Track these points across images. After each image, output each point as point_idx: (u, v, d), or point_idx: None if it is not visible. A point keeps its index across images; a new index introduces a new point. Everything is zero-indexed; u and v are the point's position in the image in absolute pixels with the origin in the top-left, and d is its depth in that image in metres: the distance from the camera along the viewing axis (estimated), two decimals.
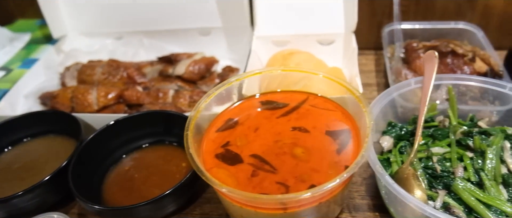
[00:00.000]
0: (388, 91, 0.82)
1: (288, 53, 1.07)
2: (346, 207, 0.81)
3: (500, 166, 0.73)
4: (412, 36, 1.18)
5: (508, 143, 0.77)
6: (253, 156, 0.72)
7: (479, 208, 0.68)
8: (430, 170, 0.76)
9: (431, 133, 0.83)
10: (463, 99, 0.92)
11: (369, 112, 0.70)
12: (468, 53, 0.99)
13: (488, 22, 1.18)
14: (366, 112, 0.70)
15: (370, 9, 1.19)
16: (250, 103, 0.85)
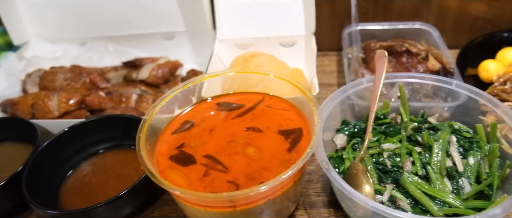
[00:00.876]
0: (339, 91, 0.85)
1: (249, 55, 1.10)
2: (302, 204, 0.83)
3: (445, 160, 0.77)
4: (373, 37, 1.22)
5: (454, 137, 0.81)
6: (206, 157, 0.74)
7: (424, 200, 0.71)
8: (381, 165, 0.79)
9: (383, 129, 0.86)
10: (417, 97, 0.96)
11: (317, 111, 0.73)
12: (422, 52, 1.04)
13: (444, 22, 1.22)
14: (315, 111, 0.73)
15: (331, 11, 1.22)
16: (207, 105, 0.87)
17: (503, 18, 1.20)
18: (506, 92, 0.95)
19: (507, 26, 1.20)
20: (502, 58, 1.08)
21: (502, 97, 0.95)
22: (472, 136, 0.81)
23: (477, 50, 1.12)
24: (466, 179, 0.75)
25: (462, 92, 0.85)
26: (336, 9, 1.21)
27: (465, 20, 1.22)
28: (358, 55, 1.15)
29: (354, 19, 1.08)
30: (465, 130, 0.82)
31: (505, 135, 0.87)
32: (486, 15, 1.20)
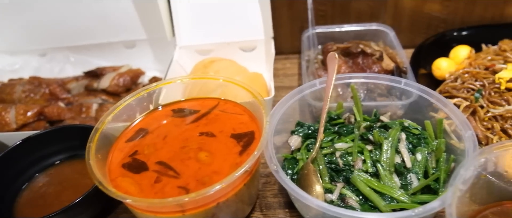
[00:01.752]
0: (292, 93, 0.87)
1: (208, 61, 1.11)
2: (258, 206, 0.85)
3: (394, 157, 0.79)
4: (333, 39, 1.25)
5: (404, 135, 0.84)
6: (158, 163, 0.75)
7: (373, 196, 0.74)
8: (333, 164, 0.81)
9: (336, 130, 0.89)
10: (372, 96, 0.99)
11: (266, 114, 0.75)
12: (376, 53, 1.07)
13: (400, 22, 1.27)
14: (264, 114, 0.75)
15: (290, 14, 1.25)
16: (163, 112, 0.88)
17: (456, 17, 1.25)
18: (456, 88, 0.99)
19: (460, 25, 1.24)
20: (455, 56, 1.12)
21: (452, 94, 0.99)
22: (420, 132, 0.84)
23: (432, 49, 1.16)
24: (414, 175, 0.78)
25: (411, 91, 0.88)
26: (295, 12, 1.24)
27: (420, 20, 1.26)
28: (315, 57, 1.18)
29: (310, 22, 1.11)
30: (414, 127, 0.85)
31: (454, 130, 0.90)
32: (440, 15, 1.25)
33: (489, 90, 0.94)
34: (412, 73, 1.03)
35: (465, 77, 1.00)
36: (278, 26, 1.28)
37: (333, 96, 0.99)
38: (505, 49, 1.07)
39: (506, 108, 0.89)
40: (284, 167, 0.83)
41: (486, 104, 0.92)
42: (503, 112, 0.89)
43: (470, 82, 0.98)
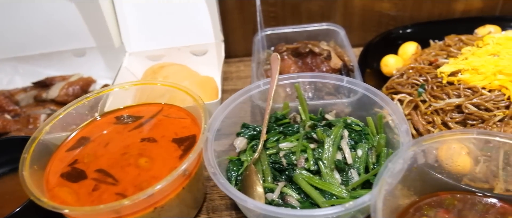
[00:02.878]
0: (234, 96, 0.89)
1: (158, 67, 1.12)
2: (205, 209, 0.86)
3: (335, 154, 0.82)
4: (286, 40, 1.27)
5: (347, 132, 0.87)
6: (98, 171, 0.75)
7: (313, 193, 0.76)
8: (277, 164, 0.83)
9: (282, 129, 0.91)
10: (320, 95, 1.01)
11: (205, 117, 0.76)
12: (324, 52, 1.10)
13: (351, 21, 1.30)
14: (203, 117, 0.76)
15: (241, 17, 1.27)
16: (106, 120, 0.88)
17: (405, 14, 1.29)
18: (401, 84, 1.03)
19: (410, 21, 1.29)
20: (403, 52, 1.16)
21: (397, 89, 1.02)
22: (362, 128, 0.87)
23: (381, 46, 1.20)
24: (355, 170, 0.80)
25: (355, 89, 0.91)
26: (247, 15, 1.26)
27: (370, 18, 1.30)
28: (268, 59, 1.20)
29: (259, 24, 1.13)
30: (356, 124, 0.88)
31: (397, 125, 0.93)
32: (390, 12, 1.29)
33: (431, 85, 0.98)
34: (359, 71, 1.06)
35: (410, 73, 1.04)
36: (231, 29, 1.30)
37: (281, 96, 1.01)
38: (449, 44, 1.12)
39: (447, 101, 0.93)
40: (229, 169, 0.84)
41: (428, 99, 0.96)
42: (444, 105, 0.93)
43: (415, 77, 1.02)
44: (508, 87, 0.90)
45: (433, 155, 0.73)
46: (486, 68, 0.94)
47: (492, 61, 0.95)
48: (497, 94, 0.90)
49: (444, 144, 0.73)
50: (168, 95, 0.94)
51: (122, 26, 1.13)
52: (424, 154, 0.71)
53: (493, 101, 0.90)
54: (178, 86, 0.84)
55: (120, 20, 1.12)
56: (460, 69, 0.97)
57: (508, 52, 0.98)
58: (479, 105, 0.90)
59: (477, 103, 0.90)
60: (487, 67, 0.94)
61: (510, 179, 0.74)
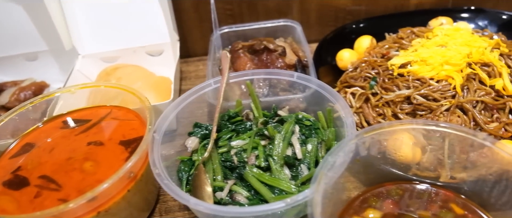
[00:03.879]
0: (185, 95, 0.88)
1: (112, 68, 1.11)
2: (158, 211, 0.85)
3: (285, 150, 0.83)
4: (245, 38, 1.28)
5: (298, 127, 0.88)
6: (41, 177, 0.74)
7: (262, 190, 0.76)
8: (229, 162, 0.83)
9: (234, 127, 0.91)
10: (275, 91, 1.02)
11: (150, 118, 0.76)
12: (279, 48, 1.10)
13: (308, 17, 1.31)
14: (148, 118, 0.76)
15: (198, 16, 1.27)
16: (52, 125, 0.87)
17: (361, 8, 1.31)
18: (354, 78, 1.04)
19: (366, 16, 1.31)
20: (358, 46, 1.18)
21: (350, 83, 1.04)
22: (312, 123, 0.88)
23: (337, 41, 1.21)
24: (305, 165, 0.81)
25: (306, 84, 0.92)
26: (203, 14, 1.26)
27: (327, 13, 1.32)
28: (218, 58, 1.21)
29: (214, 23, 1.13)
30: (307, 119, 0.89)
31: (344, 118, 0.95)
32: (346, 7, 1.31)
33: (383, 77, 1.00)
34: (313, 67, 1.07)
35: (363, 67, 1.06)
36: (188, 28, 1.30)
37: (237, 94, 1.01)
38: (402, 36, 1.14)
39: (396, 93, 0.95)
40: (180, 170, 0.84)
41: (380, 91, 0.98)
42: (394, 97, 0.95)
43: (367, 71, 1.04)
44: (454, 77, 0.92)
45: (376, 146, 0.75)
46: (434, 59, 0.96)
47: (440, 52, 0.98)
48: (444, 85, 0.93)
49: (391, 135, 0.75)
50: (120, 98, 0.93)
51: (72, 28, 1.11)
52: (366, 146, 0.73)
53: (440, 91, 0.92)
54: (123, 87, 0.83)
55: (69, 22, 1.10)
56: (410, 61, 0.99)
57: (455, 43, 1.00)
58: (427, 95, 0.92)
59: (425, 94, 0.92)
60: (435, 58, 0.97)
61: (455, 167, 0.76)
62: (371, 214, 0.71)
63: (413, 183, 0.76)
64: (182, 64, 1.33)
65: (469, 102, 0.90)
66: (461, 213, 0.70)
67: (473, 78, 0.93)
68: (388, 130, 0.71)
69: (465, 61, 0.95)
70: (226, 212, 0.65)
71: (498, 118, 0.90)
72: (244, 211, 0.65)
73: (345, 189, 0.75)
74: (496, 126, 0.88)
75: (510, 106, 0.90)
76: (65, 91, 0.88)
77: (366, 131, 0.71)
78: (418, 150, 0.79)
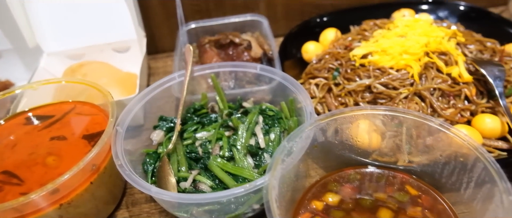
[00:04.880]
0: (149, 89, 0.90)
1: (77, 65, 1.11)
2: (125, 203, 0.87)
3: (249, 139, 0.85)
4: (213, 33, 1.29)
5: (261, 117, 0.90)
6: (3, 173, 0.75)
7: (226, 178, 0.78)
8: (194, 153, 0.85)
9: (200, 120, 0.93)
10: (241, 84, 1.04)
11: (112, 112, 0.77)
12: (244, 42, 1.13)
13: (275, 11, 1.34)
14: (110, 112, 0.77)
15: (165, 12, 1.28)
16: (15, 121, 0.87)
17: (327, 2, 1.34)
18: (318, 69, 1.08)
19: (332, 9, 1.34)
20: (323, 39, 1.21)
21: (314, 74, 1.07)
22: (275, 113, 0.91)
23: (303, 34, 1.24)
24: (267, 154, 0.84)
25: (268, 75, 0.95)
26: (170, 10, 1.27)
27: (293, 8, 1.35)
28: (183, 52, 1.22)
29: (180, 19, 1.14)
30: (270, 109, 0.92)
31: (315, 108, 0.98)
32: (312, 1, 1.34)
33: (346, 68, 1.03)
34: (278, 60, 1.10)
35: (327, 58, 1.09)
36: (156, 25, 1.31)
37: (204, 87, 1.03)
38: (365, 28, 1.18)
39: (358, 83, 0.99)
40: (145, 162, 0.85)
41: (342, 81, 1.01)
42: (355, 86, 0.98)
43: (330, 62, 1.07)
44: (412, 65, 0.96)
45: (334, 132, 0.78)
46: (394, 49, 1.00)
47: (399, 43, 1.02)
48: (403, 73, 0.97)
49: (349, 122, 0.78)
50: (86, 94, 0.94)
51: (35, 26, 1.11)
52: (323, 132, 0.76)
53: (399, 80, 0.96)
54: (85, 82, 0.84)
55: (32, 19, 1.10)
56: (371, 52, 1.03)
57: (414, 34, 1.05)
58: (387, 84, 0.96)
59: (385, 83, 0.96)
60: (395, 48, 1.01)
61: (413, 151, 0.80)
62: (330, 198, 0.74)
63: (372, 167, 0.79)
64: (151, 61, 1.34)
65: (426, 89, 0.94)
66: (416, 194, 0.73)
67: (431, 67, 0.98)
68: (343, 116, 0.74)
69: (423, 51, 0.99)
70: (187, 199, 0.67)
71: (454, 104, 0.94)
72: (204, 197, 0.67)
73: (305, 175, 0.78)
74: (452, 111, 0.93)
75: (466, 93, 0.95)
76: (26, 87, 0.88)
77: (322, 118, 0.74)
78: (378, 136, 0.82)
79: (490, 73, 0.94)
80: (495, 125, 0.88)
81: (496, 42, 1.08)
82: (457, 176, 0.69)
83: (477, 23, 1.20)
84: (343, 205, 0.72)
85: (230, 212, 0.75)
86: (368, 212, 0.70)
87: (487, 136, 0.89)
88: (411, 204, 0.71)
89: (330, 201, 0.73)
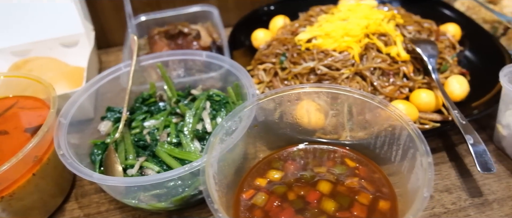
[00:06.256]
0: (93, 81, 0.90)
1: (22, 62, 1.10)
2: (74, 195, 0.87)
3: (196, 124, 0.87)
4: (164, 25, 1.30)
5: (209, 103, 0.92)
6: None
7: (173, 163, 0.80)
8: (142, 141, 0.86)
9: (148, 109, 0.94)
10: (191, 73, 1.06)
11: (53, 103, 0.77)
12: (193, 32, 1.14)
13: (226, 2, 1.36)
14: (51, 104, 0.78)
15: (113, 5, 1.28)
16: None
17: None
18: (266, 55, 1.10)
19: None
20: (273, 26, 1.24)
21: (262, 60, 1.10)
22: (221, 98, 0.93)
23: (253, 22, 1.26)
24: None
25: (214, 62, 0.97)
26: (118, 3, 1.26)
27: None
28: (145, 44, 1.23)
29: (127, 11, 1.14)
30: (217, 95, 0.94)
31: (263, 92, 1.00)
32: None
33: (292, 52, 1.06)
34: (228, 47, 1.12)
35: (274, 44, 1.12)
36: (105, 18, 1.31)
37: (154, 77, 1.04)
38: (312, 14, 1.22)
39: (303, 66, 1.02)
40: (92, 153, 0.86)
41: (288, 65, 1.04)
42: (300, 69, 1.01)
43: (278, 47, 1.10)
44: (353, 47, 1.00)
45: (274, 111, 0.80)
46: (336, 32, 1.04)
47: (342, 26, 1.06)
48: (345, 55, 1.01)
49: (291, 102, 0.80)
50: (31, 89, 0.93)
51: None
52: (263, 111, 0.78)
53: (342, 61, 1.00)
54: (26, 76, 0.84)
55: None
56: (315, 36, 1.07)
57: (356, 17, 1.09)
58: (331, 66, 1.00)
59: (329, 64, 1.00)
60: (337, 31, 1.04)
61: (354, 127, 0.84)
62: (274, 174, 0.76)
63: (313, 144, 0.83)
64: (103, 54, 1.33)
65: (367, 69, 0.98)
66: (354, 165, 0.77)
67: (371, 48, 1.02)
68: (281, 95, 0.77)
69: (363, 33, 1.03)
70: (127, 182, 0.68)
71: (394, 81, 0.99)
72: (145, 180, 0.68)
73: (250, 155, 0.81)
74: (392, 89, 0.97)
75: (404, 71, 0.99)
76: None
77: (261, 97, 0.76)
78: (321, 115, 0.85)
79: (424, 51, 0.99)
80: (430, 99, 0.94)
81: (433, 23, 1.14)
82: (388, 146, 0.73)
83: (418, 6, 1.25)
84: (285, 181, 0.75)
85: (177, 194, 0.76)
86: (309, 186, 0.73)
87: (423, 109, 0.94)
88: (349, 176, 0.75)
89: (273, 178, 0.76)
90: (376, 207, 0.69)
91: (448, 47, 1.09)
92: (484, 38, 1.10)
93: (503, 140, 0.87)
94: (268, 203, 0.71)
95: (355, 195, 0.71)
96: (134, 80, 1.00)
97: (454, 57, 1.06)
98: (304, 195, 0.71)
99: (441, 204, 0.80)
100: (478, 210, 0.78)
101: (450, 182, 0.84)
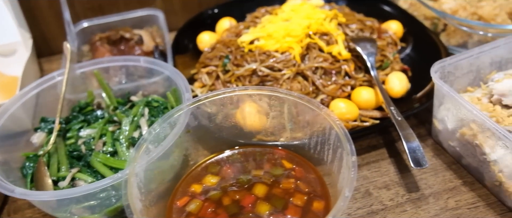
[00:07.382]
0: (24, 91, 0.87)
1: None
2: (6, 211, 0.84)
3: (132, 132, 0.85)
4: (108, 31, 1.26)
5: (147, 109, 0.90)
6: None
7: (107, 173, 0.77)
8: (77, 152, 0.83)
9: (85, 117, 0.91)
10: (133, 78, 1.03)
11: None
12: (135, 37, 1.12)
13: (172, 5, 1.34)
14: None
15: (53, 13, 1.24)
16: None
17: None
18: (209, 58, 1.09)
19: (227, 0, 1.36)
20: (219, 29, 1.23)
21: (206, 63, 1.08)
22: (160, 104, 0.91)
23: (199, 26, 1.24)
24: None
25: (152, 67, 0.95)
26: (58, 10, 1.22)
27: (189, 2, 1.35)
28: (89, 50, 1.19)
29: (65, 17, 1.11)
30: (155, 100, 0.92)
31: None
32: None
33: (235, 54, 1.05)
34: (171, 52, 1.10)
35: (218, 47, 1.11)
36: (46, 25, 1.27)
37: (94, 85, 1.01)
38: (257, 16, 1.21)
39: (245, 68, 1.01)
40: (24, 166, 0.82)
41: (231, 68, 1.03)
42: (243, 71, 1.00)
43: (221, 50, 1.09)
44: (294, 47, 1.00)
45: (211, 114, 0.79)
46: (278, 33, 1.04)
47: (284, 26, 1.05)
48: (287, 55, 1.00)
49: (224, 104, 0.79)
50: None
51: None
52: (200, 115, 0.77)
53: (283, 62, 1.00)
54: None
55: None
56: (258, 37, 1.06)
57: (298, 17, 1.09)
58: (272, 67, 1.00)
59: (270, 66, 1.00)
60: (279, 32, 1.04)
61: (294, 128, 0.83)
62: (210, 180, 0.75)
63: (252, 147, 0.82)
64: (45, 63, 1.29)
65: (309, 69, 0.98)
66: (290, 167, 0.77)
67: (313, 47, 1.02)
68: (212, 99, 0.76)
69: (305, 33, 1.03)
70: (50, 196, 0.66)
71: (336, 80, 0.99)
72: (70, 193, 0.66)
73: (191, 159, 0.79)
74: (333, 87, 0.98)
75: (345, 69, 1.00)
76: None
77: (193, 101, 0.75)
78: (262, 117, 0.84)
79: (363, 49, 1.00)
80: (370, 96, 0.94)
81: (375, 21, 1.15)
82: (321, 146, 0.73)
83: (363, 4, 1.26)
84: (221, 185, 0.74)
85: (111, 205, 0.74)
86: (245, 190, 0.72)
87: (364, 107, 0.94)
88: (285, 177, 0.74)
89: (209, 183, 0.75)
90: (310, 208, 0.69)
91: (390, 44, 1.11)
92: (424, 35, 1.12)
93: (439, 134, 0.89)
94: (202, 210, 0.69)
95: (290, 196, 0.70)
96: (74, 89, 0.97)
97: (395, 54, 1.08)
98: (239, 199, 0.70)
99: (379, 201, 0.80)
100: (414, 205, 0.79)
101: (389, 178, 0.85)
